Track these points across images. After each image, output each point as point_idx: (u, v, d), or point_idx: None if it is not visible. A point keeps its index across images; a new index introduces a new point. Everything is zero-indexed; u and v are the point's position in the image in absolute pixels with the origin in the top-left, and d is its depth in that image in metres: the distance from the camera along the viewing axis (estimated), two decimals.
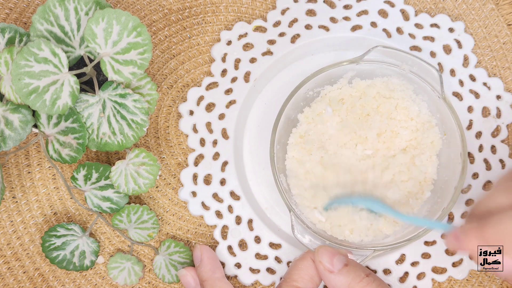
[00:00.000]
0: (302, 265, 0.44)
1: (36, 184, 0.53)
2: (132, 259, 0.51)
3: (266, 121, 0.52)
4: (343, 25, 0.53)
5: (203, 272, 0.49)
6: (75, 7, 0.43)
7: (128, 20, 0.42)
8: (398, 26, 0.53)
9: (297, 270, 0.44)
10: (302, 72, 0.52)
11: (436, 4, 0.54)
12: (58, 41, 0.44)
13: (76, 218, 0.53)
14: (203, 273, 0.49)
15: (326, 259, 0.42)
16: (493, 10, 0.53)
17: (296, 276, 0.43)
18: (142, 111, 0.45)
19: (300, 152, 0.49)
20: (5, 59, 0.42)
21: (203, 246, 0.50)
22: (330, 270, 0.42)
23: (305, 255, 0.44)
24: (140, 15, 0.54)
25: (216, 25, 0.54)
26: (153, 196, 0.52)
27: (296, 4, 0.53)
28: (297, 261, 0.45)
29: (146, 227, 0.50)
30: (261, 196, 0.52)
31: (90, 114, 0.45)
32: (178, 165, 0.53)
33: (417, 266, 0.51)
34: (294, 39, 0.53)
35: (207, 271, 0.49)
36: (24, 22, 0.54)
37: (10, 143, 0.44)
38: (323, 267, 0.42)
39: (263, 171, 0.52)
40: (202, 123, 0.52)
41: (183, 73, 0.54)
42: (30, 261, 0.52)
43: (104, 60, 0.42)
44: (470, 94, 0.52)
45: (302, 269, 0.44)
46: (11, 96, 0.42)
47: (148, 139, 0.53)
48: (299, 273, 0.43)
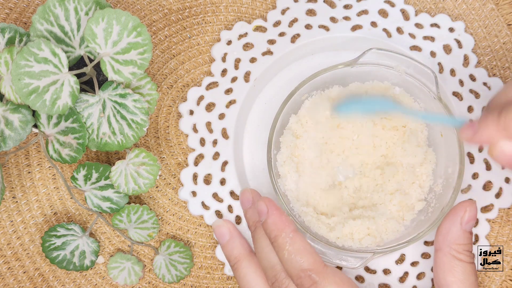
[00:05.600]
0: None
1: (36, 184, 0.53)
2: (132, 259, 0.51)
3: (266, 121, 0.52)
4: (343, 25, 0.53)
5: (235, 248, 0.47)
6: (75, 7, 0.43)
7: (128, 20, 0.42)
8: (398, 26, 0.53)
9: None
10: (302, 72, 0.52)
11: (436, 4, 0.53)
12: (58, 41, 0.44)
13: (76, 218, 0.53)
14: (235, 249, 0.47)
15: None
16: (493, 10, 0.53)
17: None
18: (142, 111, 0.45)
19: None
20: (5, 59, 0.42)
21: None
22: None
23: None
24: (140, 15, 0.54)
25: (216, 25, 0.54)
26: (153, 196, 0.52)
27: (296, 4, 0.53)
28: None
29: (146, 227, 0.50)
30: None
31: (90, 114, 0.45)
32: (178, 165, 0.53)
33: (417, 266, 0.51)
34: (294, 39, 0.53)
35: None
36: (24, 22, 0.54)
37: (10, 143, 0.44)
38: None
39: (263, 171, 0.52)
40: (202, 123, 0.52)
41: (183, 73, 0.53)
42: (30, 261, 0.52)
43: (104, 60, 0.42)
44: (470, 94, 0.52)
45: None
46: (11, 96, 0.42)
47: (148, 139, 0.53)
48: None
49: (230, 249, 0.48)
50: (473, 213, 0.44)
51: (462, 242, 0.44)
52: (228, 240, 0.48)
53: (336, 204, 0.48)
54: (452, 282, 0.43)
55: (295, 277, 0.43)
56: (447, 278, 0.43)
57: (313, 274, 0.42)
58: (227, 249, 0.48)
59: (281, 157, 0.48)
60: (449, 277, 0.43)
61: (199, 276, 0.52)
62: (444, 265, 0.44)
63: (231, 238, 0.48)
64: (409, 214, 0.48)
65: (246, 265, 0.47)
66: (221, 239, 0.49)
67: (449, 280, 0.43)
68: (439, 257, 0.44)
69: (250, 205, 0.48)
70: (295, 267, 0.43)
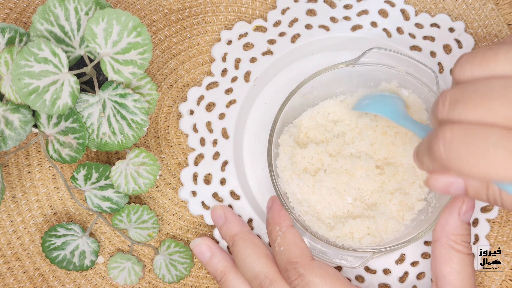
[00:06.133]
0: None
1: (36, 184, 0.53)
2: (132, 259, 0.51)
3: (266, 121, 0.52)
4: (343, 25, 0.53)
5: (231, 227, 0.48)
6: (75, 7, 0.43)
7: (128, 20, 0.42)
8: (398, 26, 0.53)
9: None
10: (302, 72, 0.52)
11: (436, 4, 0.53)
12: (58, 41, 0.44)
13: (76, 218, 0.53)
14: (232, 228, 0.48)
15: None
16: (493, 10, 0.53)
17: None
18: (142, 111, 0.45)
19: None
20: (5, 59, 0.42)
21: (223, 205, 0.50)
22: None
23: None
24: (140, 15, 0.54)
25: (216, 25, 0.54)
26: (153, 196, 0.52)
27: (296, 4, 0.53)
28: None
29: (146, 227, 0.50)
30: (261, 196, 0.52)
31: (90, 114, 0.45)
32: (178, 165, 0.53)
33: (417, 266, 0.51)
34: (294, 39, 0.53)
35: (235, 226, 0.48)
36: (24, 22, 0.54)
37: (10, 143, 0.44)
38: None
39: (263, 171, 0.52)
40: (202, 122, 0.52)
41: (183, 73, 0.53)
42: (30, 261, 0.52)
43: (104, 60, 0.42)
44: None
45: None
46: (11, 96, 0.42)
47: (148, 139, 0.53)
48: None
49: (214, 264, 0.48)
50: (470, 204, 0.44)
51: (460, 233, 0.44)
52: (210, 257, 0.49)
53: (337, 212, 0.48)
54: (449, 272, 0.43)
55: (283, 270, 0.44)
56: (444, 269, 0.43)
57: (299, 267, 0.43)
58: (211, 266, 0.48)
59: (281, 162, 0.48)
60: (446, 268, 0.43)
61: (199, 276, 0.52)
62: (441, 256, 0.44)
63: (212, 254, 0.49)
64: (409, 214, 0.48)
65: (234, 277, 0.47)
66: (202, 257, 0.49)
67: (446, 270, 0.43)
68: (437, 247, 0.44)
69: (223, 221, 0.49)
70: (283, 260, 0.44)
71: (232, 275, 0.47)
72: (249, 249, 0.46)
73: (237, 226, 0.48)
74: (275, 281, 0.44)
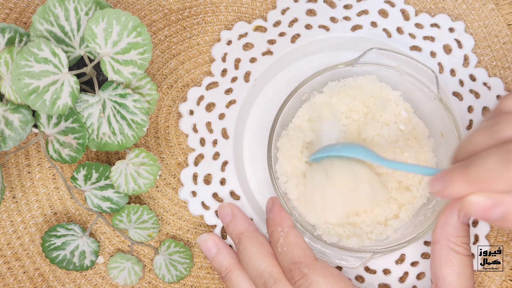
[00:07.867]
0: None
1: (36, 184, 0.53)
2: (132, 259, 0.51)
3: (266, 121, 0.52)
4: (343, 25, 0.53)
5: (238, 225, 0.48)
6: (75, 7, 0.43)
7: (128, 20, 0.42)
8: (398, 26, 0.53)
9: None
10: (302, 72, 0.52)
11: (436, 4, 0.53)
12: (58, 41, 0.44)
13: (76, 218, 0.53)
14: (239, 226, 0.48)
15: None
16: (493, 10, 0.53)
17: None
18: (142, 111, 0.45)
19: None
20: (5, 59, 0.42)
21: (231, 203, 0.50)
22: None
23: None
24: (140, 15, 0.54)
25: (216, 25, 0.54)
26: (153, 196, 0.52)
27: (296, 4, 0.53)
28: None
29: (146, 227, 0.50)
30: (261, 196, 0.52)
31: (90, 114, 0.45)
32: (178, 165, 0.53)
33: (417, 266, 0.51)
34: (294, 39, 0.53)
35: (242, 224, 0.48)
36: (24, 22, 0.54)
37: (10, 143, 0.44)
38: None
39: (263, 171, 0.52)
40: (202, 123, 0.52)
41: (183, 73, 0.54)
42: (30, 261, 0.52)
43: (104, 60, 0.42)
44: (470, 94, 0.52)
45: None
46: (11, 96, 0.42)
47: (148, 139, 0.53)
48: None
49: (220, 260, 0.48)
50: None
51: (460, 234, 0.44)
52: (216, 252, 0.49)
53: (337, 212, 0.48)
54: (448, 274, 0.43)
55: (287, 270, 0.45)
56: (443, 271, 0.43)
57: (303, 267, 0.44)
58: (216, 262, 0.49)
59: (280, 167, 0.48)
60: (446, 270, 0.43)
61: (199, 276, 0.52)
62: (441, 258, 0.44)
63: (218, 250, 0.49)
64: (408, 214, 0.48)
65: (238, 274, 0.47)
66: (208, 252, 0.49)
67: (446, 272, 0.43)
68: (437, 249, 0.44)
69: (230, 218, 0.49)
70: (286, 260, 0.45)
71: (237, 272, 0.47)
72: (255, 247, 0.46)
73: (244, 224, 0.48)
74: (280, 280, 0.44)
